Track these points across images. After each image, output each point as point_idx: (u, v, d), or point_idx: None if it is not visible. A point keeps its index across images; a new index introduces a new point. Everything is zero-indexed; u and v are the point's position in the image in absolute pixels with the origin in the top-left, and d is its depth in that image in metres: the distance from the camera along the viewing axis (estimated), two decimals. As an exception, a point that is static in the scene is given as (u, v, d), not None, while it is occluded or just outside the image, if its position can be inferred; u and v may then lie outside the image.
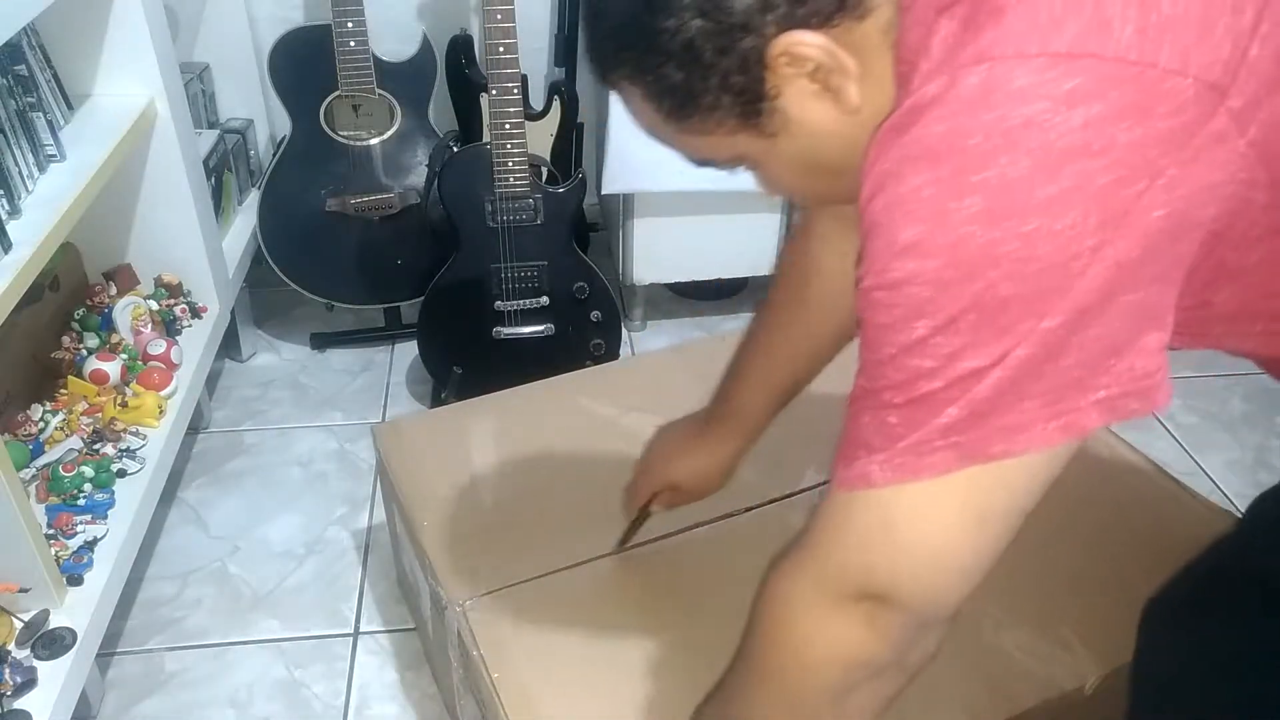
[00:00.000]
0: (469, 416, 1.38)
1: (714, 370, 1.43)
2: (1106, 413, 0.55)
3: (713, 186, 1.87)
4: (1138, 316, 0.54)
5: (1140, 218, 0.51)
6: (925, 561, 0.60)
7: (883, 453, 0.57)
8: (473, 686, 1.04)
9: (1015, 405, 0.54)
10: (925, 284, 0.53)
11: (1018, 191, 0.50)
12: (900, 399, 0.56)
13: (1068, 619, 1.05)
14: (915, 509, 0.58)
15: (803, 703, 0.67)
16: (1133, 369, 0.55)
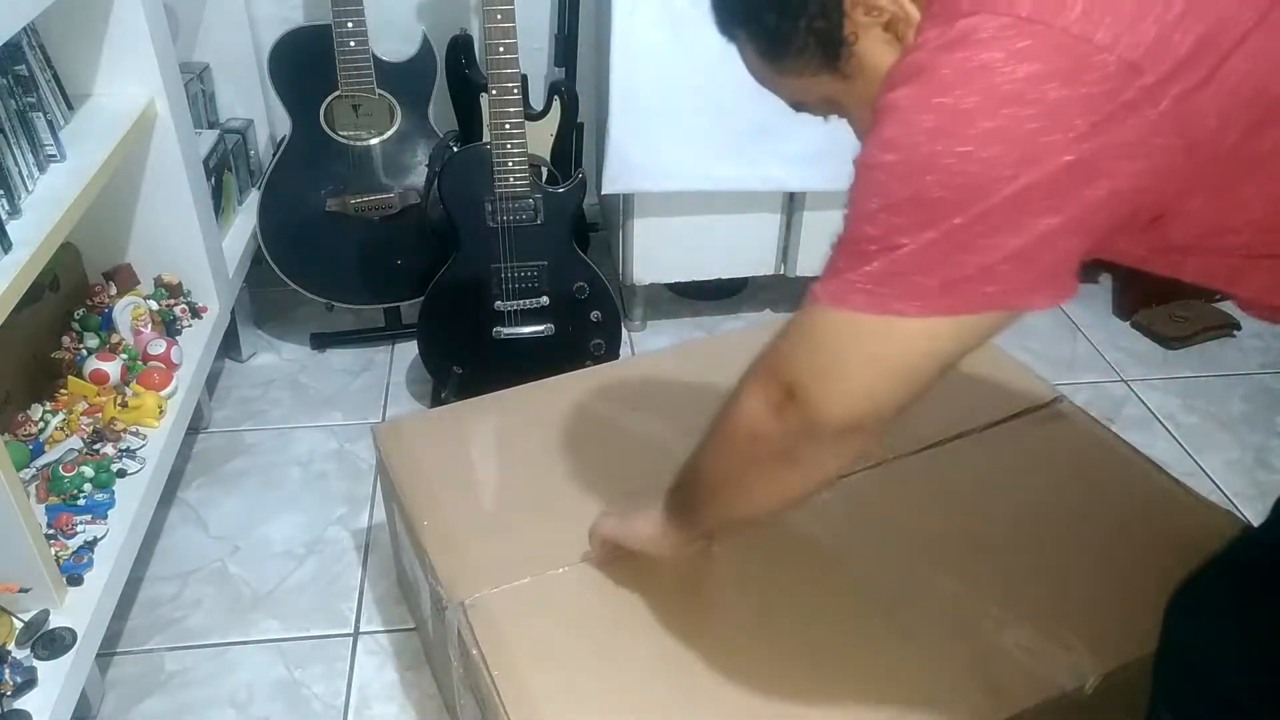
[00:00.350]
0: (469, 416, 1.38)
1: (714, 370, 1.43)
2: (990, 303, 0.68)
3: (713, 186, 1.88)
4: (1036, 240, 0.65)
5: (1051, 160, 0.63)
6: (824, 371, 0.74)
7: (829, 280, 0.72)
8: (472, 685, 1.04)
9: (918, 277, 0.67)
10: (885, 171, 0.67)
11: (962, 119, 0.63)
12: (850, 247, 0.70)
13: (1068, 618, 1.05)
14: (836, 330, 0.73)
15: (721, 460, 0.87)
16: (1024, 276, 0.66)
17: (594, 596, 1.08)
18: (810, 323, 0.74)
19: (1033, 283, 0.67)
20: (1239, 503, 1.67)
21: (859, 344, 0.72)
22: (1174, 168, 0.65)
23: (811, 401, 0.74)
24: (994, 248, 0.65)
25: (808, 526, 1.17)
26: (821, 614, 1.07)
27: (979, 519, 1.20)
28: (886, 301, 0.68)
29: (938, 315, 0.68)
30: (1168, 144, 0.64)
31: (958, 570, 1.11)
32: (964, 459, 1.28)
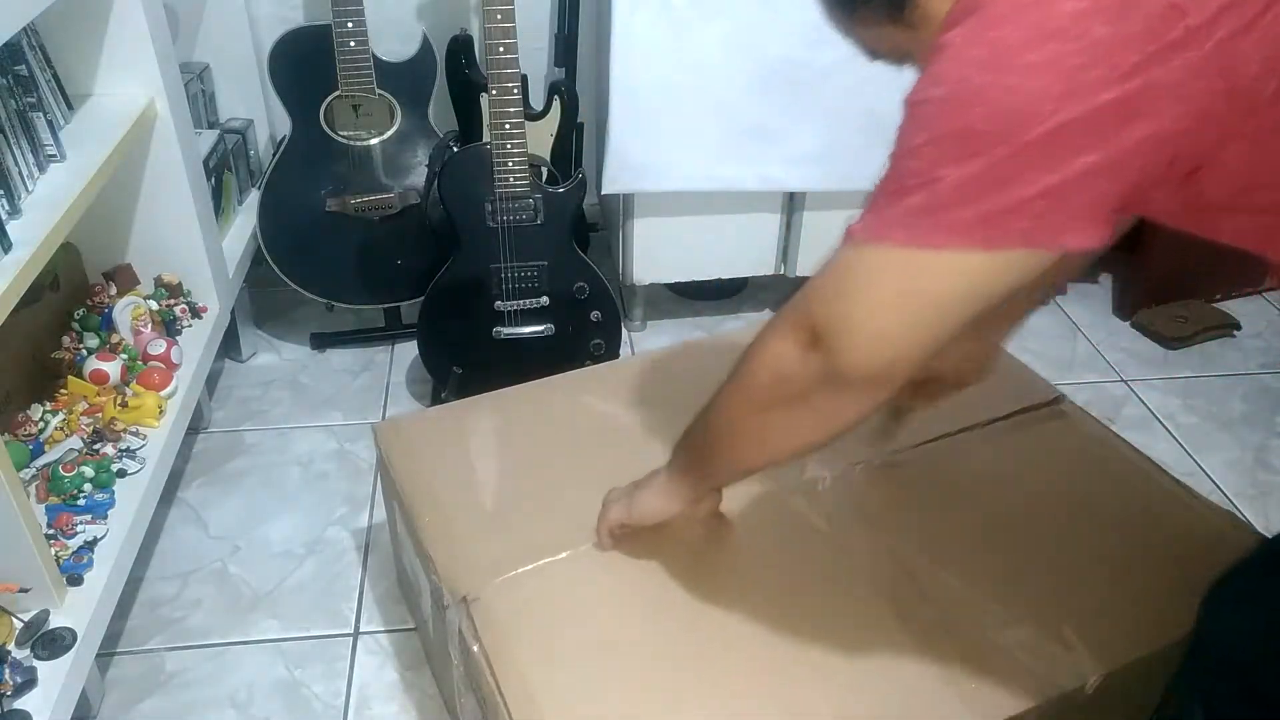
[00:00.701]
0: (469, 414, 1.38)
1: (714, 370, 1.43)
2: (1022, 240, 0.69)
3: (713, 186, 1.89)
4: (1073, 178, 0.66)
5: (1092, 96, 0.64)
6: (853, 313, 0.74)
7: (866, 217, 0.74)
8: (473, 683, 1.04)
9: (956, 210, 0.68)
10: (933, 105, 0.69)
11: (1009, 53, 0.65)
12: (893, 185, 0.72)
13: (1069, 618, 1.05)
14: (868, 267, 0.74)
15: (740, 404, 0.88)
16: (1057, 216, 0.67)
17: (595, 591, 1.09)
18: (843, 262, 0.75)
19: (1066, 221, 0.68)
20: (1239, 503, 1.67)
21: (890, 280, 0.73)
22: (1214, 112, 0.65)
23: (838, 345, 0.75)
24: (1031, 182, 0.66)
25: (810, 521, 1.17)
26: (823, 608, 1.07)
27: (980, 516, 1.20)
28: (922, 235, 0.70)
29: (971, 249, 0.69)
30: (1209, 87, 0.64)
31: (958, 567, 1.11)
32: (965, 456, 1.28)
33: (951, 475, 1.26)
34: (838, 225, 0.74)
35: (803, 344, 0.77)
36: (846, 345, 0.74)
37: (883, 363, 0.75)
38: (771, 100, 1.76)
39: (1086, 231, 0.68)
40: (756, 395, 0.85)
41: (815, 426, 0.82)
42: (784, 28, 1.69)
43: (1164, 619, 1.06)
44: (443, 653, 1.18)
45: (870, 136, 1.81)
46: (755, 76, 1.73)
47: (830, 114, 1.78)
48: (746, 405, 0.87)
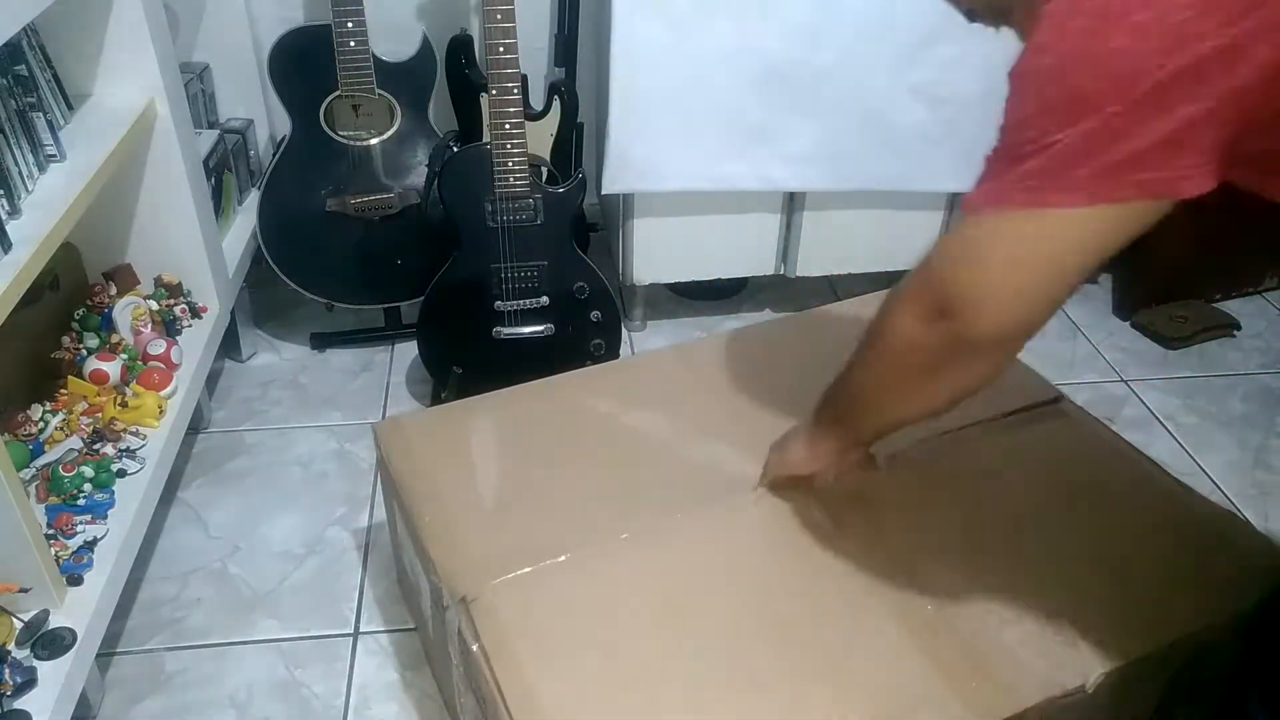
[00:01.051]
0: (469, 414, 1.38)
1: (714, 370, 1.43)
2: (1140, 191, 0.72)
3: (713, 186, 1.88)
4: (1183, 127, 0.69)
5: (1199, 44, 0.66)
6: (977, 282, 0.78)
7: (983, 187, 0.77)
8: (473, 683, 1.04)
9: (1073, 169, 0.72)
10: (1041, 73, 0.73)
11: (1115, 15, 0.68)
12: (1008, 153, 0.76)
13: (1070, 616, 1.05)
14: (991, 234, 0.78)
15: (874, 374, 0.93)
16: (1170, 166, 0.71)
17: (595, 591, 1.09)
18: (964, 232, 0.79)
19: (1180, 171, 0.71)
20: (1239, 503, 1.67)
21: (1014, 243, 0.77)
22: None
23: (965, 316, 0.78)
24: (1144, 135, 0.69)
25: (811, 519, 1.17)
26: (825, 606, 1.07)
27: (980, 514, 1.20)
28: (1042, 195, 0.73)
29: (1091, 205, 0.73)
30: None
31: (959, 565, 1.11)
32: (965, 454, 1.28)
33: (952, 473, 1.26)
34: (838, 225, 0.75)
35: (929, 317, 0.81)
36: (975, 313, 0.78)
37: (1012, 325, 0.79)
38: (771, 100, 1.76)
39: (1198, 179, 0.71)
40: (887, 369, 0.90)
41: (948, 391, 0.87)
42: (784, 28, 1.69)
43: (1164, 618, 1.06)
44: (443, 653, 1.18)
45: (870, 136, 1.82)
46: (755, 76, 1.73)
47: (830, 114, 1.78)
48: (878, 378, 0.93)
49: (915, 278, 0.84)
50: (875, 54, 1.73)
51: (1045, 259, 0.76)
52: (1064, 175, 0.72)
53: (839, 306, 1.63)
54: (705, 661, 1.01)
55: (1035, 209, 0.74)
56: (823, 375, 1.40)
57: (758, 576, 1.11)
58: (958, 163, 1.85)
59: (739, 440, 1.27)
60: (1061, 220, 0.74)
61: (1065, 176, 0.72)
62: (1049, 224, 0.75)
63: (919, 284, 0.83)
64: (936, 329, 0.81)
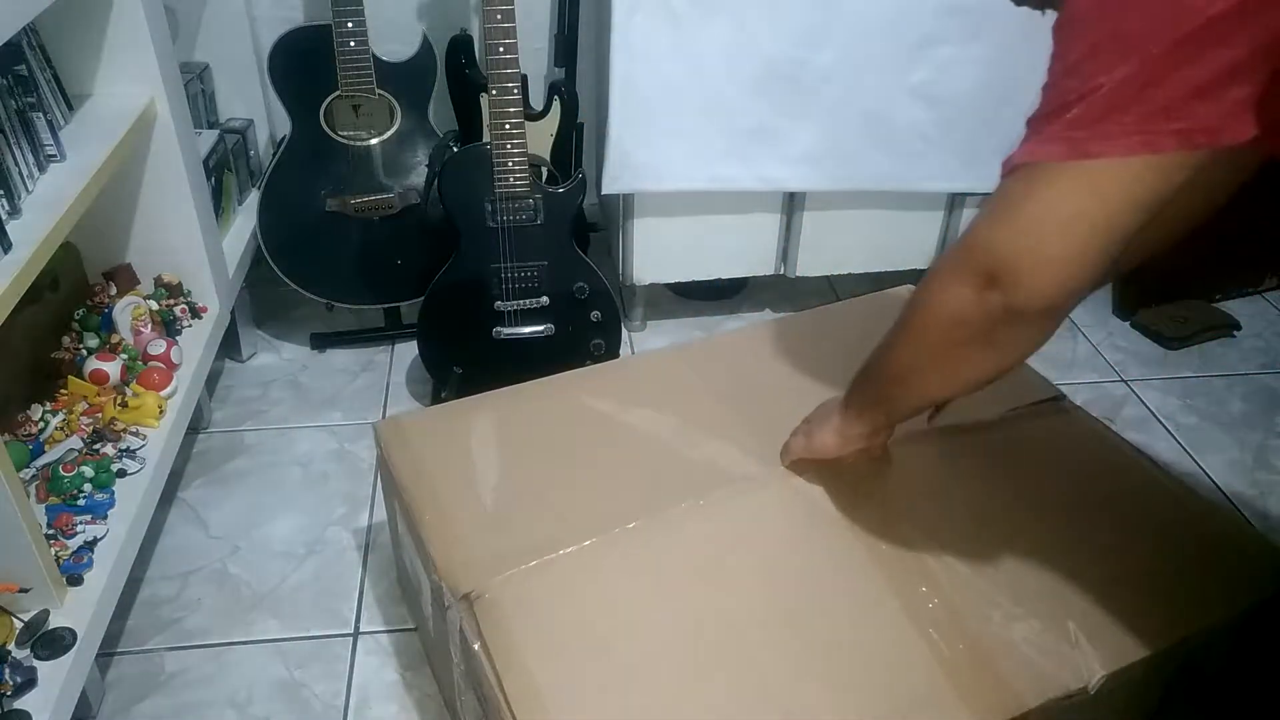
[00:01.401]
0: (470, 413, 1.38)
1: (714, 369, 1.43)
2: (1180, 141, 0.71)
3: (713, 186, 1.89)
4: (1225, 70, 0.69)
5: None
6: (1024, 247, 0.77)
7: (1026, 143, 0.77)
8: (474, 681, 1.04)
9: (1114, 116, 0.71)
10: (1082, 18, 0.73)
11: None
12: (1051, 106, 0.75)
13: (1072, 616, 1.05)
14: (1031, 192, 0.76)
15: (917, 349, 0.91)
16: (1210, 113, 0.70)
17: (595, 589, 1.09)
18: (1006, 193, 0.78)
19: (1218, 119, 0.71)
20: (1239, 503, 1.67)
21: (1056, 202, 0.75)
22: None
23: (1014, 283, 0.77)
24: (1183, 81, 0.69)
25: (814, 516, 1.17)
26: (827, 603, 1.07)
27: (981, 513, 1.20)
28: (1083, 145, 0.73)
29: (1131, 155, 0.72)
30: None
31: (961, 564, 1.11)
32: (967, 453, 1.28)
33: (953, 472, 1.26)
34: (838, 225, 0.75)
35: (978, 286, 0.80)
36: (1024, 279, 0.77)
37: (1062, 287, 0.77)
38: (771, 100, 1.76)
39: (1235, 128, 0.71)
40: (934, 341, 0.88)
41: (996, 360, 0.86)
42: (784, 28, 1.69)
43: (1166, 619, 1.06)
44: (443, 651, 1.18)
45: (870, 136, 1.82)
46: (755, 76, 1.73)
47: (830, 114, 1.78)
48: (924, 352, 0.90)
49: (960, 247, 0.83)
50: (875, 54, 1.73)
51: (1090, 216, 0.75)
52: (1103, 124, 0.72)
53: (839, 306, 1.63)
54: (707, 657, 1.01)
55: (1076, 160, 0.73)
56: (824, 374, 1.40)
57: (760, 572, 1.11)
58: (957, 163, 1.85)
59: (739, 438, 1.27)
60: (1103, 172, 0.73)
61: (1104, 125, 0.72)
62: (1091, 177, 0.74)
63: (964, 254, 0.82)
64: (985, 300, 0.80)
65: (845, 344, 1.48)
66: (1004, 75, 1.75)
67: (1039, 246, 0.76)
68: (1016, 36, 1.70)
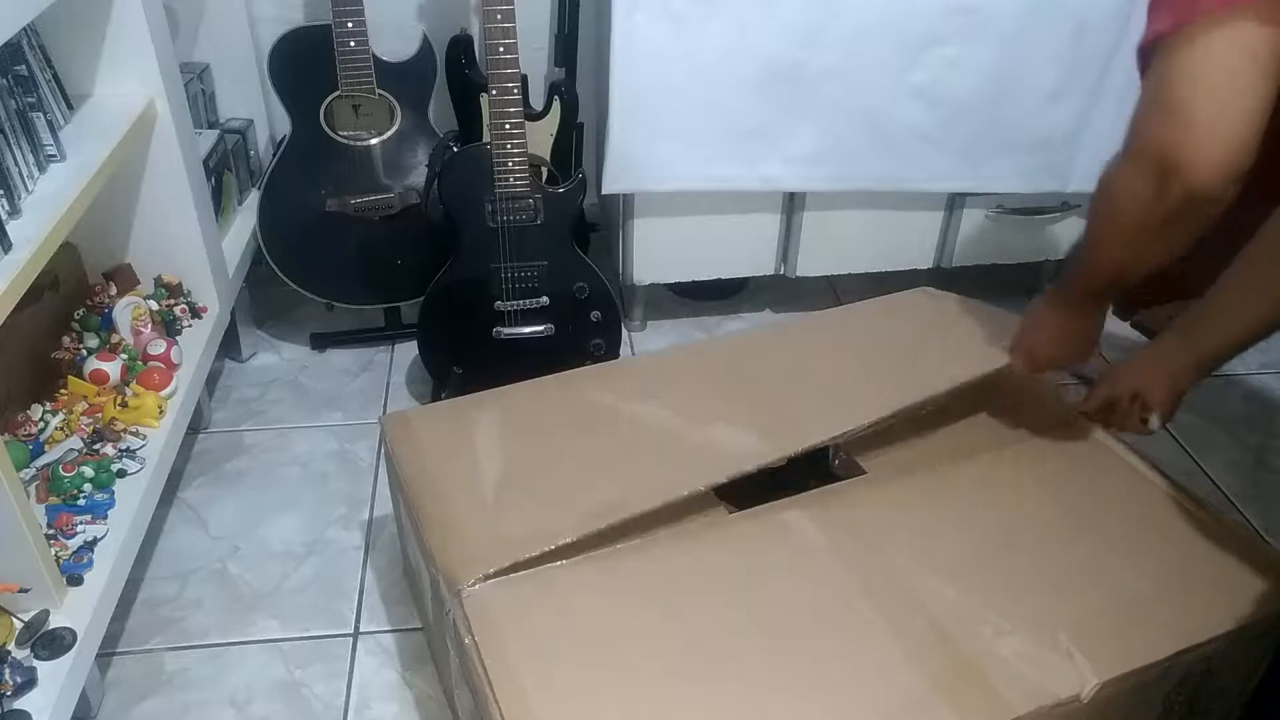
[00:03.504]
0: (475, 409, 1.39)
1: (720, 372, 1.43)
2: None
3: (713, 186, 1.88)
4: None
5: None
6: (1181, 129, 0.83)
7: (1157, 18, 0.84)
8: (467, 675, 1.04)
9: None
10: None
11: None
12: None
13: (1065, 627, 1.04)
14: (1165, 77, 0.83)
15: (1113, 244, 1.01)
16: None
17: (590, 591, 1.09)
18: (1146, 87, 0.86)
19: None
20: (1239, 503, 1.67)
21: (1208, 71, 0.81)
22: None
23: (1190, 163, 0.83)
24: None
25: (805, 529, 1.17)
26: (818, 613, 1.07)
27: (976, 522, 1.20)
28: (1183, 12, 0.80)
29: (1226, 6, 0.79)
30: None
31: (953, 574, 1.11)
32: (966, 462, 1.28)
33: (947, 482, 1.26)
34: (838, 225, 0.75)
35: (1154, 176, 0.87)
36: (1196, 166, 0.83)
37: (1230, 154, 0.83)
38: (771, 100, 1.76)
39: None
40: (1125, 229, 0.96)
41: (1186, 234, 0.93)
42: (784, 28, 1.69)
43: (1165, 631, 1.04)
44: (442, 645, 1.19)
45: (870, 136, 1.82)
46: (755, 76, 1.73)
47: (830, 114, 1.78)
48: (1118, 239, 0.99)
49: (1127, 148, 0.89)
50: (875, 54, 1.73)
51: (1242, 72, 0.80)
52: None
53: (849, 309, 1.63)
54: (695, 664, 1.01)
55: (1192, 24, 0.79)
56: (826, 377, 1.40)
57: (753, 583, 1.11)
58: (957, 162, 1.85)
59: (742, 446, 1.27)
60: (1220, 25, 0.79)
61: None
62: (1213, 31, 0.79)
63: (1135, 148, 0.88)
64: (1166, 193, 0.86)
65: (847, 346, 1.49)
66: (1004, 75, 1.75)
67: (1206, 130, 0.82)
68: (1017, 37, 1.71)
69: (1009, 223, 1.99)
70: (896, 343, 1.46)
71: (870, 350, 1.45)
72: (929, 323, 1.49)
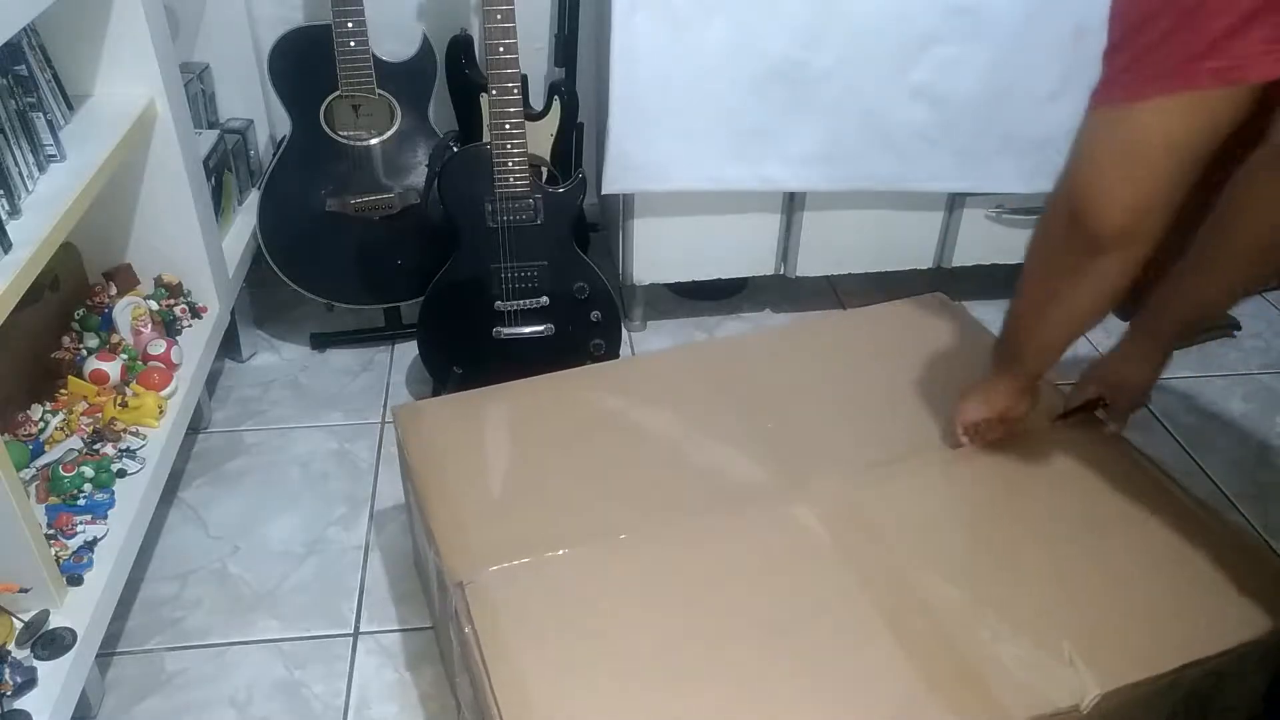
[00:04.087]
0: (485, 403, 1.40)
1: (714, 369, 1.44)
2: (1214, 79, 0.81)
3: (713, 186, 1.88)
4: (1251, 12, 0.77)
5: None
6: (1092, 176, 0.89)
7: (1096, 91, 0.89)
8: (467, 664, 1.05)
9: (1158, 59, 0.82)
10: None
11: None
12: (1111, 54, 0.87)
13: (1068, 632, 1.04)
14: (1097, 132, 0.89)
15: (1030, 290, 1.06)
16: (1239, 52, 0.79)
17: (591, 584, 1.09)
18: (1081, 134, 0.90)
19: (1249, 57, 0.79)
20: (1239, 503, 1.67)
21: (1116, 138, 0.87)
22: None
23: (1089, 213, 0.89)
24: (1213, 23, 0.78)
25: (810, 529, 1.17)
26: (817, 614, 1.07)
27: (980, 526, 1.20)
28: (1133, 88, 0.84)
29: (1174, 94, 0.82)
30: None
31: (957, 578, 1.10)
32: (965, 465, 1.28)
33: (951, 484, 1.25)
34: (838, 225, 0.75)
35: (1066, 223, 0.92)
36: (1093, 208, 0.89)
37: (1127, 216, 0.88)
38: (771, 100, 1.76)
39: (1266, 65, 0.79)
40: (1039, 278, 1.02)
41: (1093, 289, 0.97)
42: (784, 28, 1.69)
43: (1171, 642, 1.03)
44: (446, 635, 1.20)
45: (870, 136, 1.82)
46: (755, 76, 1.73)
47: (830, 114, 1.78)
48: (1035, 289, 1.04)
49: (1053, 193, 0.95)
50: (875, 54, 1.73)
51: (1145, 148, 0.85)
52: (1149, 66, 0.82)
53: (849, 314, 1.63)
54: (694, 660, 1.01)
55: (1128, 103, 0.85)
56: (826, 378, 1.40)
57: (753, 581, 1.11)
58: (957, 162, 1.85)
59: (744, 445, 1.28)
60: (1153, 111, 0.83)
61: (1150, 67, 0.82)
62: (1144, 115, 0.84)
63: (1054, 197, 0.94)
64: (1071, 235, 0.92)
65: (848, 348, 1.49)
66: (1004, 75, 1.75)
67: (1107, 179, 0.88)
68: (1017, 37, 1.71)
69: (1009, 223, 1.99)
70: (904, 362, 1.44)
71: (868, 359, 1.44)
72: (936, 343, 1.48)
